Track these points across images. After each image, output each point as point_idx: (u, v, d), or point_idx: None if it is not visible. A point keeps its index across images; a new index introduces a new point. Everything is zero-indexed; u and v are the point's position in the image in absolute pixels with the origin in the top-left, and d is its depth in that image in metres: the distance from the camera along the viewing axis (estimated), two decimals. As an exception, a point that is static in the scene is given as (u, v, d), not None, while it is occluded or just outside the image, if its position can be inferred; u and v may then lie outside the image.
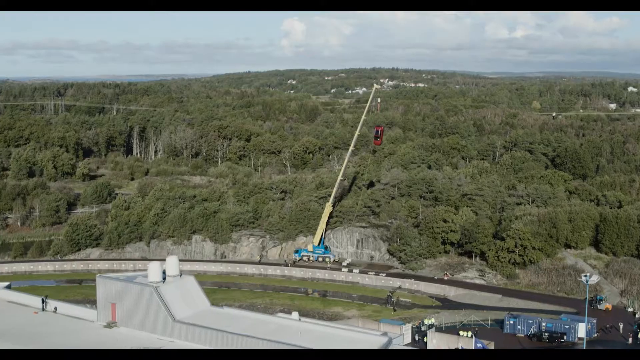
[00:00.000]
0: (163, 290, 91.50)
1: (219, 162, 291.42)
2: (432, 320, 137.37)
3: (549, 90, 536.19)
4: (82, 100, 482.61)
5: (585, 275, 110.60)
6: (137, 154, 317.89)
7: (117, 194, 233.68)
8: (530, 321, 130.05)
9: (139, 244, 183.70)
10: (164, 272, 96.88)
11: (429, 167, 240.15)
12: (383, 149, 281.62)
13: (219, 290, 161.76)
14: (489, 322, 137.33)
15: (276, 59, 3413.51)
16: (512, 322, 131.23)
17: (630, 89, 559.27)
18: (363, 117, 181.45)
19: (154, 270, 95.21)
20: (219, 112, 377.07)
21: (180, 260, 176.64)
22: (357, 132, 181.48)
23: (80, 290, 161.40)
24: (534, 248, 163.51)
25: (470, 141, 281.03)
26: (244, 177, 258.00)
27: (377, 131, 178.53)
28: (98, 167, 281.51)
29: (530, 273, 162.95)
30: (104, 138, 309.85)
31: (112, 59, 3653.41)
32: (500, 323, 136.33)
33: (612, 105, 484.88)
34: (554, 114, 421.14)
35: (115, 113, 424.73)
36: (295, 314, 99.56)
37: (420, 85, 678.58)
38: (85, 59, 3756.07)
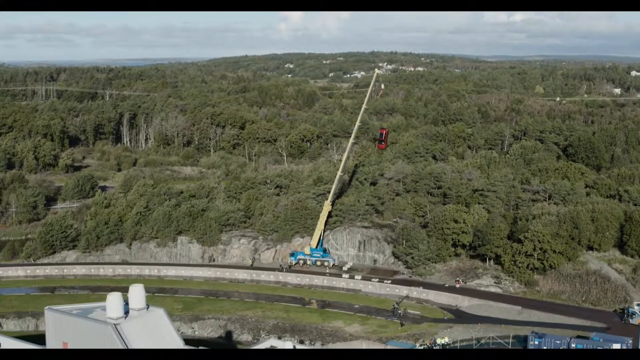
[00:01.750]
0: (125, 328, 73.41)
1: (212, 151, 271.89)
2: (446, 340, 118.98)
3: (552, 74, 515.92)
4: (75, 85, 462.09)
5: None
6: (127, 142, 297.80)
7: (101, 187, 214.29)
8: (558, 341, 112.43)
9: (119, 245, 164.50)
10: (127, 304, 78.46)
11: (434, 158, 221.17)
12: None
13: (206, 300, 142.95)
14: (510, 340, 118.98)
15: (274, 43, 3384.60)
16: (537, 342, 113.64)
17: (633, 73, 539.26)
18: (364, 107, 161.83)
19: (113, 303, 76.72)
20: (214, 97, 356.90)
21: (164, 265, 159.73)
22: (357, 123, 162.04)
23: (51, 300, 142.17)
24: (554, 251, 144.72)
25: (477, 129, 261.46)
26: (237, 168, 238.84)
27: (381, 134, 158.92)
28: (84, 157, 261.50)
29: (551, 280, 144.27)
30: (91, 126, 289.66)
31: (110, 43, 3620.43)
32: (522, 341, 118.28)
33: (617, 90, 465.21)
34: (557, 99, 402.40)
35: (108, 98, 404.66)
36: (288, 344, 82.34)
37: (420, 69, 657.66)
38: (84, 42, 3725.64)
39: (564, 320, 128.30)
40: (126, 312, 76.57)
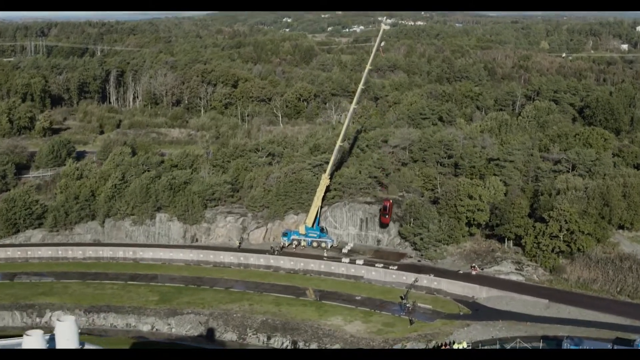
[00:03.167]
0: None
1: (202, 111, 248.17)
2: (464, 345, 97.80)
3: (556, 29, 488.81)
4: (65, 40, 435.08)
5: None
6: (114, 102, 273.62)
7: (79, 152, 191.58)
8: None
9: (91, 223, 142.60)
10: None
11: (441, 120, 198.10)
12: (387, 96, 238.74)
13: (186, 290, 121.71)
14: (541, 344, 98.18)
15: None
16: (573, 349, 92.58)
17: (639, 28, 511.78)
18: (368, 67, 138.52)
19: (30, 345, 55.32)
20: (207, 53, 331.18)
21: (141, 246, 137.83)
22: (360, 86, 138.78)
23: (9, 290, 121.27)
24: (582, 232, 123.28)
25: (485, 88, 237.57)
26: (229, 130, 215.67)
27: (384, 207, 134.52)
28: (65, 119, 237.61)
29: (580, 265, 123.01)
30: (75, 84, 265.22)
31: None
32: (553, 345, 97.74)
33: (624, 46, 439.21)
34: (564, 55, 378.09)
35: (99, 53, 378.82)
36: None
37: (420, 23, 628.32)
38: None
39: (599, 317, 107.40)
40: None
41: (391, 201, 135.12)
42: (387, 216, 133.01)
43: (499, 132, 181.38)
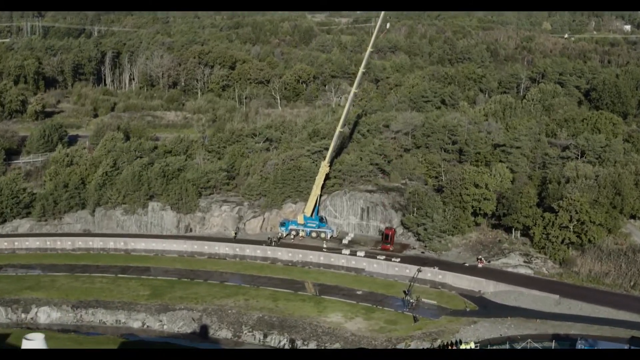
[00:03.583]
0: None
1: (199, 93, 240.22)
2: (472, 346, 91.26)
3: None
4: (62, 21, 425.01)
5: None
6: (109, 84, 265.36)
7: (72, 137, 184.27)
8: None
9: (81, 213, 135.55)
10: None
11: (443, 102, 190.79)
12: (388, 78, 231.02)
13: (179, 283, 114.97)
14: (553, 344, 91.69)
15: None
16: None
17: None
18: (369, 50, 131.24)
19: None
20: (204, 34, 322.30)
21: (132, 236, 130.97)
22: (361, 69, 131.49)
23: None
24: (593, 223, 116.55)
25: (489, 70, 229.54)
26: (226, 113, 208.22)
27: (387, 235, 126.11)
28: (59, 102, 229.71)
29: (591, 258, 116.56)
30: (70, 66, 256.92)
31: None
32: (566, 345, 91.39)
33: (627, 27, 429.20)
34: (566, 36, 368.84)
35: (96, 34, 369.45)
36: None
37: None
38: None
39: (612, 314, 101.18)
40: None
41: (394, 229, 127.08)
42: (388, 244, 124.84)
43: (503, 115, 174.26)
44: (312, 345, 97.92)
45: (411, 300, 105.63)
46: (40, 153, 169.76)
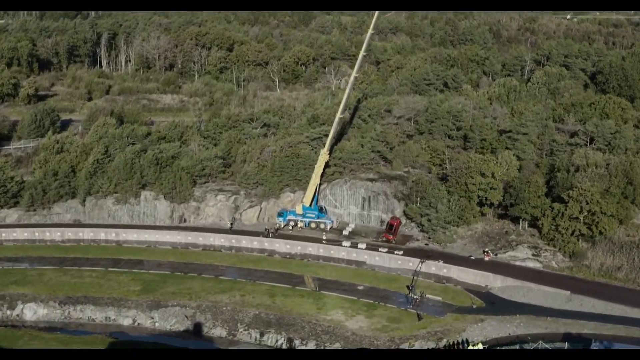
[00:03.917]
0: None
1: (196, 76, 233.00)
2: (479, 347, 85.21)
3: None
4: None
5: None
6: (105, 66, 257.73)
7: (65, 121, 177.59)
8: (632, 355, 78.86)
9: (71, 202, 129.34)
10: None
11: (446, 85, 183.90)
12: (389, 60, 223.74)
13: (171, 277, 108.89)
14: (566, 345, 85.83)
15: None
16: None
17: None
18: (370, 31, 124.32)
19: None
20: (202, 14, 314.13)
21: (124, 227, 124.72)
22: (362, 52, 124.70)
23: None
24: (604, 214, 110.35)
25: (492, 52, 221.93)
26: (223, 97, 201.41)
27: (391, 225, 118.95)
28: (52, 85, 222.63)
29: (602, 250, 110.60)
30: (64, 48, 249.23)
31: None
32: (579, 346, 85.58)
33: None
34: (568, 17, 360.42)
35: (92, 15, 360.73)
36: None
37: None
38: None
39: (626, 312, 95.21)
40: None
41: (399, 220, 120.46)
42: (391, 235, 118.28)
43: (507, 99, 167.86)
44: (311, 345, 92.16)
45: (415, 297, 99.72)
46: (31, 139, 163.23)
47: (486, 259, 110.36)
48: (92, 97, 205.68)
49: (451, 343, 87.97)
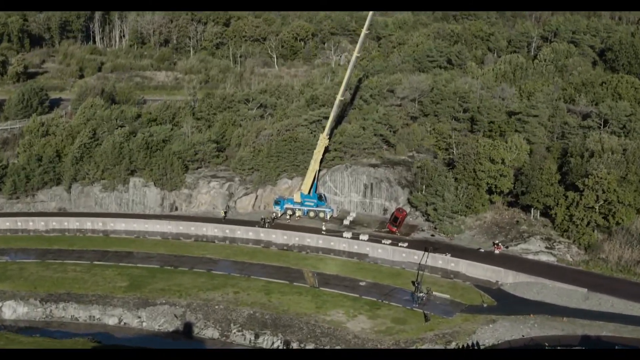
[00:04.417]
0: None
1: (192, 52, 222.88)
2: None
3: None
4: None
5: None
6: (98, 42, 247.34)
7: (54, 100, 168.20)
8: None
9: (56, 189, 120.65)
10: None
11: (449, 62, 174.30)
12: (390, 35, 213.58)
13: (161, 272, 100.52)
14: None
15: None
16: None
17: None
18: (364, 31, 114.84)
19: None
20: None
21: (112, 216, 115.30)
22: (364, 30, 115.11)
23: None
24: (621, 203, 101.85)
25: (497, 28, 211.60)
26: (219, 74, 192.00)
27: (396, 218, 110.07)
28: (43, 62, 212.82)
29: (619, 243, 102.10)
30: (57, 23, 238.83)
31: None
32: (597, 347, 77.80)
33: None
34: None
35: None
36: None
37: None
38: None
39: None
40: None
41: (406, 213, 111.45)
42: (396, 227, 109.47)
43: (513, 77, 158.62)
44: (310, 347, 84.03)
45: (421, 294, 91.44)
46: (18, 119, 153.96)
47: (496, 251, 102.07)
48: (84, 75, 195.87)
49: (460, 347, 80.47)
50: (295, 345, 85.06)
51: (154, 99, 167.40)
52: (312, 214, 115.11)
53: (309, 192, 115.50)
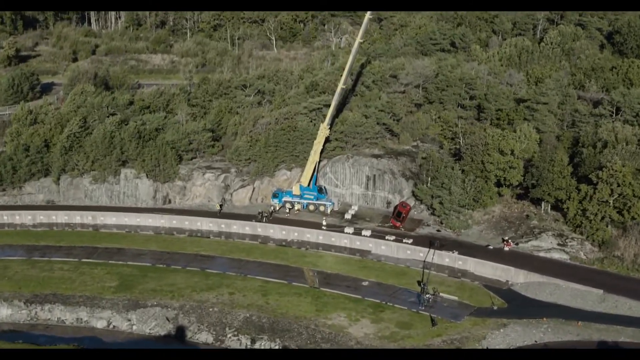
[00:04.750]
0: None
1: (189, 34, 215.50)
2: None
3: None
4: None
5: None
6: (94, 23, 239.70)
7: (46, 84, 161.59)
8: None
9: (44, 181, 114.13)
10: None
11: (453, 45, 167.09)
12: (392, 17, 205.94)
13: (153, 270, 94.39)
14: None
15: None
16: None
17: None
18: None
19: None
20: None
21: (102, 209, 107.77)
22: (367, 15, 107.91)
23: None
24: (637, 197, 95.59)
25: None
26: (216, 57, 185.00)
27: (400, 213, 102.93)
28: (37, 44, 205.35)
29: (635, 239, 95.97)
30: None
31: None
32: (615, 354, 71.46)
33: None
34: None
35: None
36: None
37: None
38: None
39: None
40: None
41: (409, 207, 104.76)
42: (399, 222, 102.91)
43: (519, 60, 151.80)
44: (310, 355, 77.99)
45: (427, 296, 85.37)
46: (8, 105, 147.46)
47: (506, 248, 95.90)
48: (78, 58, 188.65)
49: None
50: (294, 352, 79.14)
51: (149, 83, 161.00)
52: (312, 207, 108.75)
53: (309, 185, 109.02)
